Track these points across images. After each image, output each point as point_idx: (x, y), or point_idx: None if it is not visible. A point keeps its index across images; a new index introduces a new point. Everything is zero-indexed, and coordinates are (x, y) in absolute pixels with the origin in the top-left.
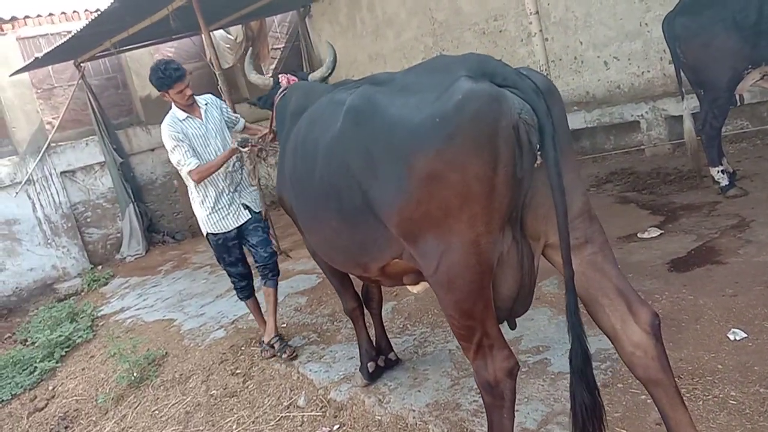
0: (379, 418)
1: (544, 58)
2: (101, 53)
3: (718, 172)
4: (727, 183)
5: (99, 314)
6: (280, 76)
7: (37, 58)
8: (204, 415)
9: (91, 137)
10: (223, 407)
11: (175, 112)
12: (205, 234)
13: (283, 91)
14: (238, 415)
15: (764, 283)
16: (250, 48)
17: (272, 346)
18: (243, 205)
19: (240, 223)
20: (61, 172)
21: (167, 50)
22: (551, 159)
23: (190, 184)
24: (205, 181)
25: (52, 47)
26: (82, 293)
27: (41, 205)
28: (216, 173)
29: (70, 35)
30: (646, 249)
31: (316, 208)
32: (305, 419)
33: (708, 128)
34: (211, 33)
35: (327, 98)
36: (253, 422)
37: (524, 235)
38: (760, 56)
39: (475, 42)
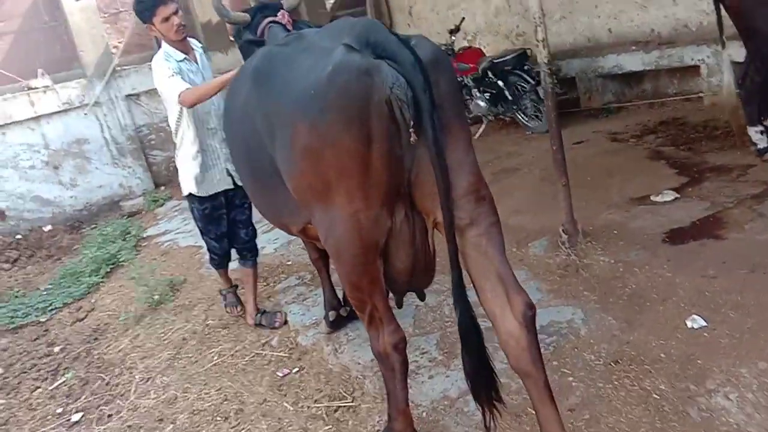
0: (331, 366)
1: (537, 5)
2: None
3: (756, 132)
4: (766, 145)
5: (144, 235)
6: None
7: None
8: (196, 343)
9: None
10: (213, 338)
11: (169, 50)
12: (185, 194)
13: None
14: (221, 347)
15: (752, 267)
16: None
17: (260, 324)
18: (227, 170)
19: (228, 188)
20: (126, 95)
21: None
22: (429, 137)
23: (181, 129)
24: (196, 131)
25: None
26: (143, 212)
27: (108, 126)
28: (204, 128)
29: None
30: (651, 214)
31: (241, 165)
32: (273, 359)
33: (749, 82)
34: None
35: (259, 51)
36: (232, 356)
37: (417, 211)
38: None
39: None
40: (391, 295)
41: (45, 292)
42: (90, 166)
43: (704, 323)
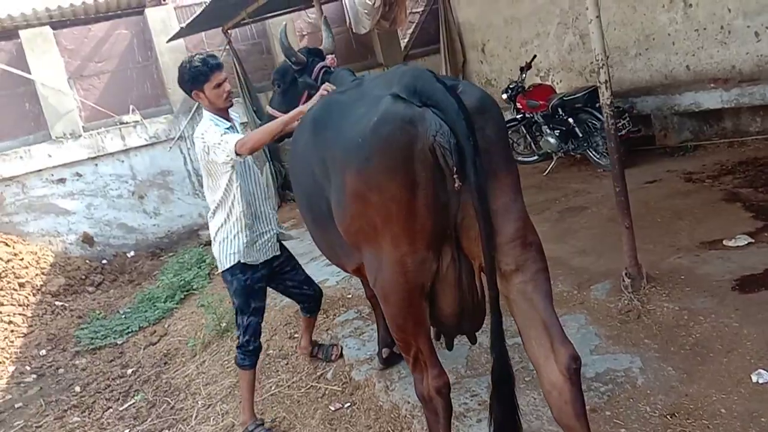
0: (381, 403)
1: (600, 47)
2: (243, 21)
3: None
4: None
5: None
6: (311, 53)
7: (182, 28)
8: (257, 371)
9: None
10: (272, 368)
11: (214, 119)
12: (225, 268)
13: (322, 69)
14: (279, 378)
15: None
16: (285, 24)
17: (316, 357)
18: (277, 235)
19: (275, 254)
20: None
21: (309, 15)
22: (472, 183)
23: (228, 202)
24: (250, 199)
25: (193, 17)
26: None
27: (190, 159)
28: (253, 182)
29: (204, 5)
30: (722, 260)
31: (304, 208)
32: (327, 392)
33: None
34: None
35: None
36: (288, 387)
37: (464, 254)
38: None
39: (614, 7)
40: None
41: (124, 316)
42: (173, 196)
43: None
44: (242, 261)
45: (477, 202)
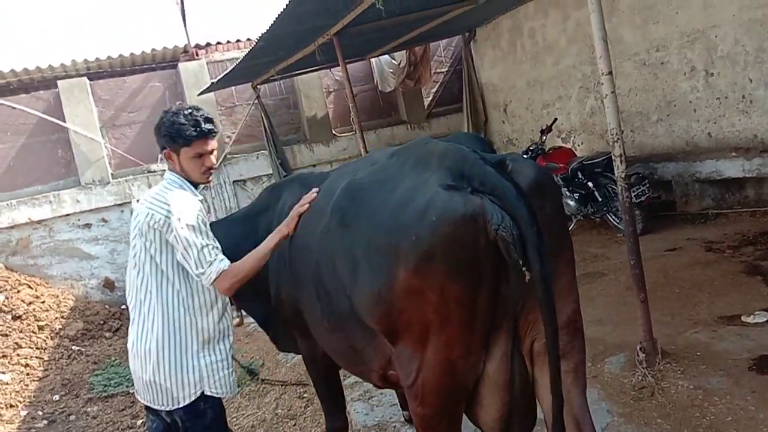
0: None
1: (615, 122)
2: (272, 78)
3: None
4: None
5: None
6: None
7: (213, 83)
8: (263, 431)
9: (261, 151)
10: (280, 428)
11: (186, 186)
12: (199, 395)
13: None
14: None
15: None
16: None
17: None
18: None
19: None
20: (234, 181)
21: (335, 73)
22: (536, 273)
23: (216, 309)
24: (225, 312)
25: (224, 73)
26: None
27: (214, 208)
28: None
29: (233, 66)
30: (740, 336)
31: (313, 307)
32: None
33: None
34: (376, 58)
35: (324, 185)
36: None
37: (519, 351)
38: None
39: (635, 73)
40: None
41: None
42: None
43: None
44: (219, 395)
45: (543, 294)
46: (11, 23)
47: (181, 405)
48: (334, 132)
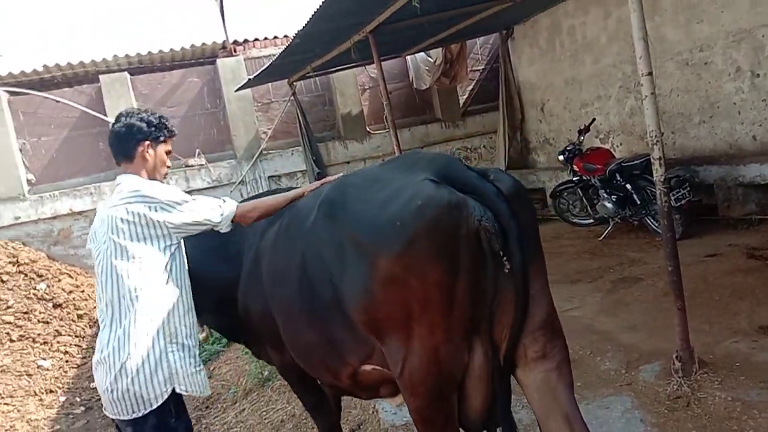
0: None
1: (654, 124)
2: (308, 75)
3: None
4: None
5: None
6: None
7: (250, 79)
8: (292, 426)
9: (296, 147)
10: (309, 423)
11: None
12: (169, 393)
13: None
14: None
15: None
16: None
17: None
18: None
19: None
20: (269, 176)
21: (371, 71)
22: (517, 263)
23: (178, 296)
24: (191, 309)
25: (260, 69)
26: None
27: None
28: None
29: (269, 62)
30: None
31: (291, 302)
32: None
33: None
34: (412, 56)
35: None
36: None
37: (496, 348)
38: None
39: (677, 73)
40: None
41: None
42: None
43: None
44: (188, 390)
45: (519, 283)
46: (58, 19)
47: (153, 407)
48: (368, 129)
